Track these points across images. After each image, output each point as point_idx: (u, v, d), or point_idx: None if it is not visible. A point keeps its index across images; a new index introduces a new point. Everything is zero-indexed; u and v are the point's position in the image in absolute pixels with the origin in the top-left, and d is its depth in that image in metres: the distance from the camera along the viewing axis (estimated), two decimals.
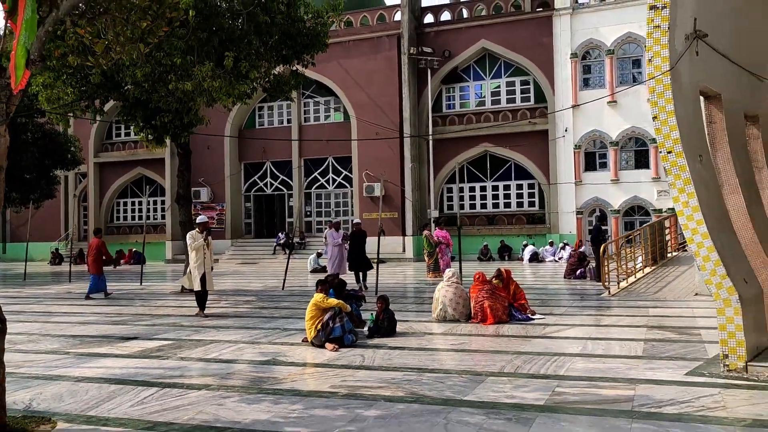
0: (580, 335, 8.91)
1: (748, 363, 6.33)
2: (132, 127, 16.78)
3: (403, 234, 29.20)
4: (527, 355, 7.48)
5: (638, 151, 27.30)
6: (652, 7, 6.96)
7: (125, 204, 36.60)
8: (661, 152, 6.89)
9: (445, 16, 30.84)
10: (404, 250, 29.07)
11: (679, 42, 7.16)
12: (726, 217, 7.41)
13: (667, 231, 17.81)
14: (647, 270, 15.70)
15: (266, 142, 31.69)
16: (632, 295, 13.53)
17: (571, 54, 27.90)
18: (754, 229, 8.14)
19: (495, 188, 29.91)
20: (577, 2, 28.53)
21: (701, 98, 8.15)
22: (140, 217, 35.29)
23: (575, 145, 27.66)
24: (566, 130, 27.70)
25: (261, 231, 33.87)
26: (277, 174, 33.08)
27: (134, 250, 32.47)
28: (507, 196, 29.75)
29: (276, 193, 33.39)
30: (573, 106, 27.34)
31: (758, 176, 9.91)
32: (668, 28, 6.89)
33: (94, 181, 35.77)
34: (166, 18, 6.82)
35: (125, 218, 36.56)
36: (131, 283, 19.91)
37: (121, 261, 32.24)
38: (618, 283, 14.15)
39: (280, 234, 31.36)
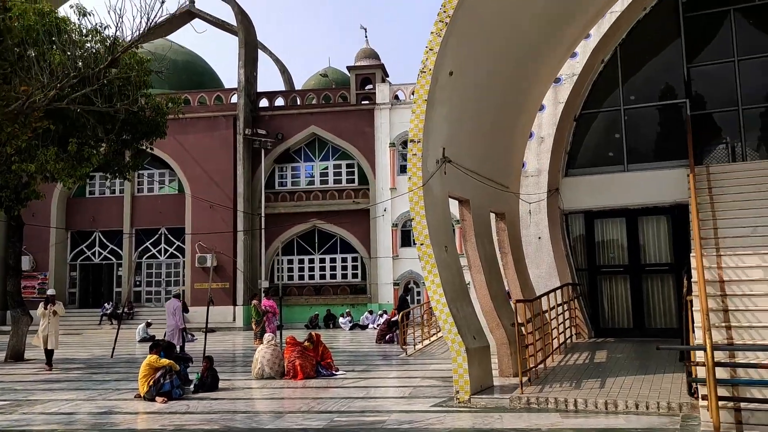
0: (369, 385, 11.22)
1: (472, 396, 8.93)
2: None
3: (234, 304, 30.48)
4: (322, 399, 9.60)
5: None
6: (411, 141, 9.74)
7: None
8: (415, 244, 9.53)
9: (279, 101, 33.52)
10: (234, 319, 30.29)
11: (431, 164, 9.98)
12: (464, 291, 10.20)
13: None
14: (441, 334, 18.62)
15: (97, 210, 31.82)
16: (424, 355, 16.19)
17: (390, 143, 31.61)
18: (492, 300, 11.04)
19: (322, 260, 32.35)
20: (396, 99, 32.53)
21: (457, 202, 11.09)
22: None
23: (393, 224, 31.01)
24: (385, 210, 31.01)
25: (86, 301, 33.33)
26: (107, 243, 33.06)
27: None
28: (333, 268, 32.26)
29: (105, 262, 33.24)
30: (391, 189, 30.82)
31: (504, 260, 13.13)
32: (422, 156, 9.66)
33: None
34: (32, 126, 8.40)
35: None
36: None
37: None
38: (414, 345, 16.79)
39: (106, 304, 31.20)
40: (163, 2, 11.61)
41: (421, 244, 9.40)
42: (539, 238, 15.02)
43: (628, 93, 14.47)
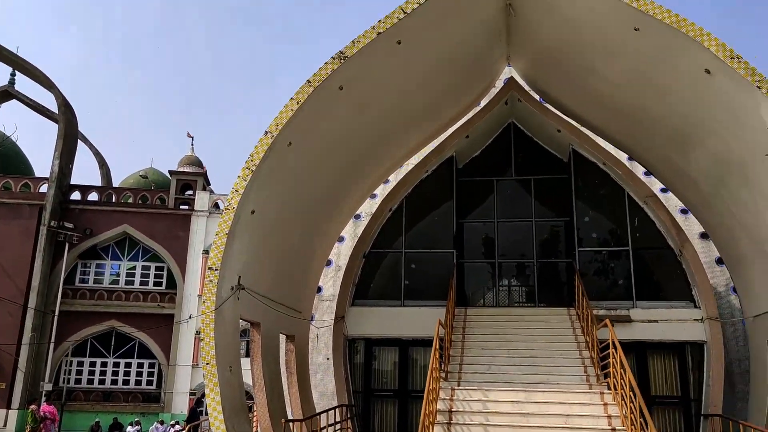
0: None
1: None
2: None
3: (8, 407, 27.99)
4: None
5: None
6: (209, 268, 10.89)
7: None
8: (201, 363, 10.46)
9: (94, 196, 32.90)
10: (5, 425, 27.70)
11: (226, 290, 11.14)
12: (243, 408, 11.19)
13: None
14: None
15: None
16: None
17: (204, 250, 32.07)
18: (271, 418, 12.05)
19: (116, 365, 31.02)
20: (216, 207, 33.40)
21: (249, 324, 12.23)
22: None
23: (196, 331, 30.92)
24: (190, 317, 30.92)
25: None
26: None
27: None
28: (127, 373, 31.01)
29: None
30: (199, 296, 30.97)
31: (290, 379, 14.31)
32: (218, 283, 10.80)
33: None
34: None
35: None
36: None
37: None
38: None
39: None
40: None
41: (207, 364, 10.36)
42: (327, 359, 16.45)
43: (410, 239, 16.91)
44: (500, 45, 15.26)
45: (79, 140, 34.52)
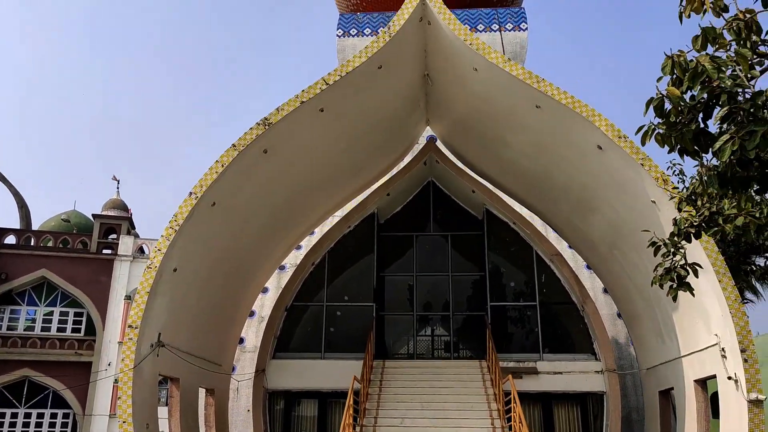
0: None
1: None
2: None
3: None
4: None
5: None
6: (129, 326, 11.08)
7: None
8: (118, 422, 10.56)
9: (11, 239, 31.90)
10: None
11: (145, 348, 11.31)
12: None
13: None
14: None
15: None
16: None
17: (126, 296, 31.46)
18: None
19: (27, 415, 29.73)
20: (141, 252, 32.94)
21: (168, 380, 12.35)
22: None
23: (115, 380, 30.11)
24: (109, 365, 30.14)
25: None
26: None
27: None
28: (39, 425, 29.73)
29: None
30: (119, 343, 30.27)
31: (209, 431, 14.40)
32: (137, 341, 10.99)
33: None
34: None
35: None
36: None
37: None
38: None
39: None
40: None
41: (124, 422, 10.48)
42: (248, 411, 16.59)
43: (331, 291, 17.44)
44: (419, 110, 16.30)
45: None
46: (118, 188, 37.19)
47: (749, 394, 10.02)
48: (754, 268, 17.18)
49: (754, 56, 5.71)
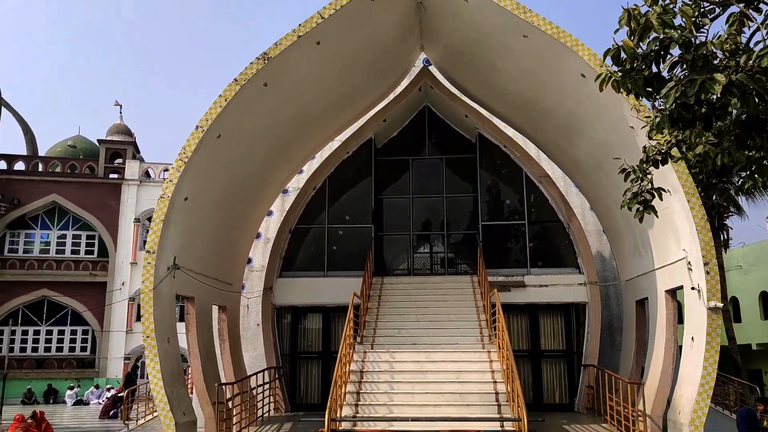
0: None
1: None
2: None
3: None
4: None
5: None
6: (147, 251, 12.11)
7: None
8: (143, 337, 11.76)
9: (20, 165, 32.75)
10: None
11: (163, 270, 12.39)
12: (180, 375, 12.60)
13: None
14: None
15: None
16: (146, 429, 17.77)
17: (135, 218, 32.66)
18: (205, 381, 13.48)
19: (49, 332, 31.57)
20: (147, 176, 33.85)
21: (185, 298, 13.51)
22: None
23: (130, 298, 31.74)
24: (123, 284, 31.70)
25: None
26: None
27: None
28: (60, 341, 31.63)
29: None
30: (131, 264, 31.71)
31: (222, 346, 15.72)
32: (155, 264, 12.03)
33: None
34: None
35: None
36: None
37: None
38: (137, 421, 18.27)
39: None
40: None
41: (147, 337, 11.69)
42: (258, 325, 17.94)
43: (332, 215, 18.44)
44: (414, 37, 16.70)
45: (2, 107, 34.00)
46: (120, 113, 37.68)
47: (709, 302, 11.12)
48: (729, 186, 18.11)
49: (704, 4, 6.35)
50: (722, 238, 27.27)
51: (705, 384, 10.99)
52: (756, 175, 7.29)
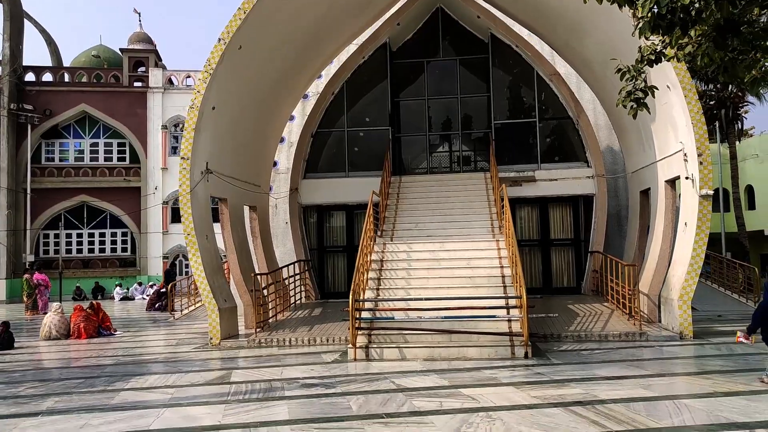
0: (144, 339, 14.59)
1: (221, 341, 12.86)
2: None
3: None
4: (108, 349, 12.83)
5: None
6: (182, 158, 13.22)
7: None
8: (184, 234, 13.09)
9: (48, 77, 33.65)
10: None
11: (197, 175, 13.54)
12: (219, 267, 14.04)
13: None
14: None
15: None
16: (189, 318, 19.63)
17: (162, 125, 33.72)
18: (242, 273, 14.96)
19: (91, 235, 33.59)
20: (170, 83, 34.58)
21: (220, 200, 14.75)
22: None
23: (164, 201, 33.38)
24: (156, 188, 33.25)
25: None
26: None
27: None
28: (102, 242, 33.70)
29: None
30: (162, 169, 33.12)
31: (255, 242, 17.13)
32: (189, 170, 13.18)
33: None
34: None
35: None
36: None
37: None
38: (181, 311, 20.14)
39: None
40: None
41: (188, 235, 13.02)
42: (286, 223, 19.32)
43: (351, 118, 19.27)
44: None
45: (24, 19, 34.50)
46: (140, 21, 37.88)
47: (701, 190, 12.02)
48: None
49: None
50: (735, 128, 27.64)
51: (694, 264, 12.10)
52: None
